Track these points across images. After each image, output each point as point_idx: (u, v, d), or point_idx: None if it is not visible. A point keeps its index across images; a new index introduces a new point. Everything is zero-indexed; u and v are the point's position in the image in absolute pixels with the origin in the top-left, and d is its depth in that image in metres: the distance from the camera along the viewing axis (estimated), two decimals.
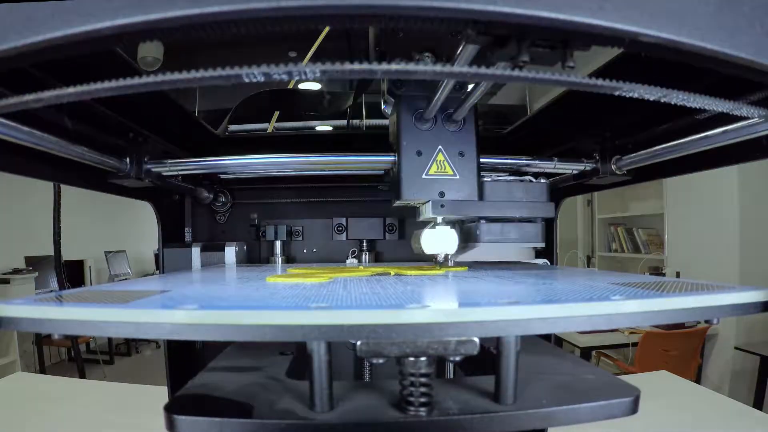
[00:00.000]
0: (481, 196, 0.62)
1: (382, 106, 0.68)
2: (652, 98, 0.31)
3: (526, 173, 0.78)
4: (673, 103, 0.31)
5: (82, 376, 3.14)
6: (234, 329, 0.28)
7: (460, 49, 0.37)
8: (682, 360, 2.71)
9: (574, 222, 4.72)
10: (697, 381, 2.73)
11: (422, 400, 0.33)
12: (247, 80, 0.26)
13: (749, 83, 0.40)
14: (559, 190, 0.92)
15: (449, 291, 0.41)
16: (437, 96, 0.54)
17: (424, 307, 0.29)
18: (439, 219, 0.61)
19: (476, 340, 0.31)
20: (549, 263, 0.91)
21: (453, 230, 0.62)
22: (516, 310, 0.29)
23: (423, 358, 0.32)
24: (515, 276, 0.51)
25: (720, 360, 2.97)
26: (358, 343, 0.30)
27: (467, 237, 0.65)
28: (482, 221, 0.62)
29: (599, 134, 0.76)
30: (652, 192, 3.63)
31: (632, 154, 0.70)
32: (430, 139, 0.61)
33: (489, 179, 0.63)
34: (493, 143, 0.99)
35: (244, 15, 0.26)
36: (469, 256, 0.68)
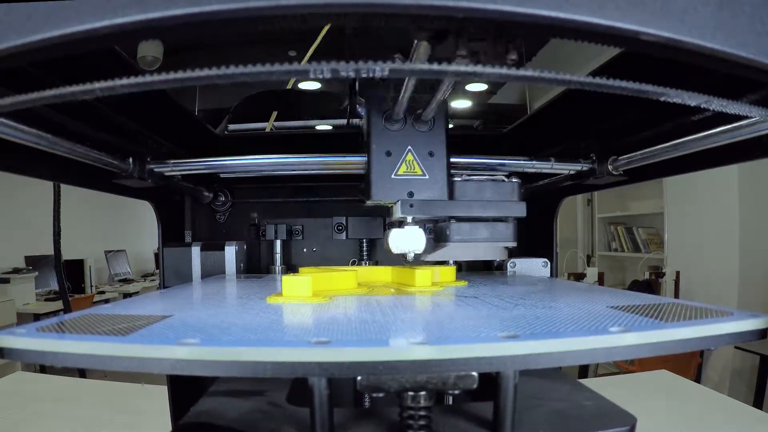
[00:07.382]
0: (451, 195, 0.62)
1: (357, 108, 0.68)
2: (693, 104, 0.31)
3: (525, 174, 0.78)
4: (693, 105, 0.31)
5: (82, 375, 3.13)
6: (235, 365, 0.28)
7: (414, 46, 0.37)
8: (682, 359, 2.71)
9: (574, 221, 4.72)
10: (697, 380, 2.73)
11: None
12: (312, 77, 0.26)
13: (744, 82, 0.39)
14: (559, 190, 0.92)
15: (449, 320, 0.40)
16: (402, 95, 0.53)
17: (424, 344, 0.29)
18: (409, 219, 0.61)
19: (475, 374, 0.31)
20: (548, 262, 0.91)
21: (420, 230, 0.62)
22: (515, 346, 0.29)
23: (422, 392, 0.32)
24: (514, 296, 0.51)
25: (720, 359, 2.97)
26: (359, 378, 0.31)
27: (439, 236, 0.65)
28: (452, 221, 0.62)
29: (595, 135, 0.76)
30: (652, 191, 3.62)
31: (628, 155, 0.70)
32: (399, 140, 0.61)
33: (459, 179, 0.63)
34: (495, 142, 0.99)
35: (242, 14, 0.26)
36: (441, 254, 0.68)
